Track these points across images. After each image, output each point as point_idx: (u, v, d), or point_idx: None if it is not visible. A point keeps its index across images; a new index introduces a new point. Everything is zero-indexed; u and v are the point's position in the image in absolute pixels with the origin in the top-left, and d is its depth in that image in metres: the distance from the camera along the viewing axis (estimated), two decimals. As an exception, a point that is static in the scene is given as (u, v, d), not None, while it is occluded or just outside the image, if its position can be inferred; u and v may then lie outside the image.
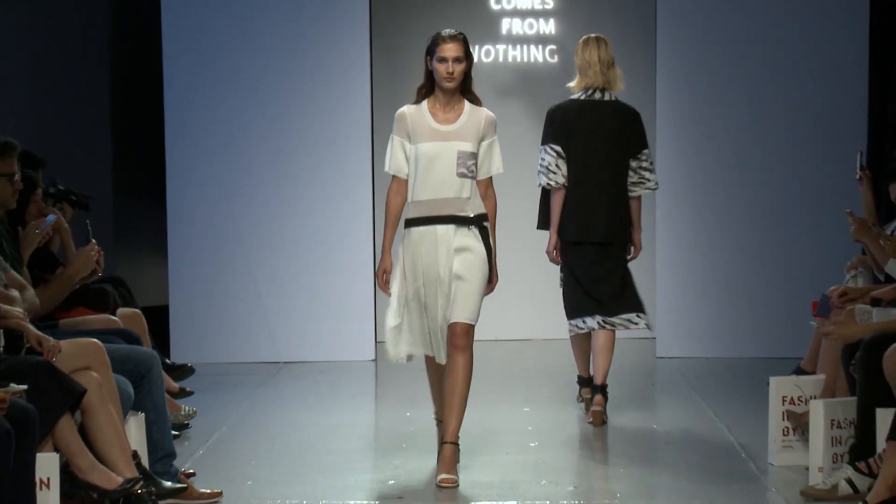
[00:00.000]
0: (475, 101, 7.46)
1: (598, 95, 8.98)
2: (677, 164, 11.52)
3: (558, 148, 8.89)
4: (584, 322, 9.01)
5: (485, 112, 7.44)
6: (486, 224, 7.37)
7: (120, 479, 6.29)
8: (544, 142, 8.97)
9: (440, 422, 7.49)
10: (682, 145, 11.52)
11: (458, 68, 7.28)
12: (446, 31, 7.34)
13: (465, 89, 7.42)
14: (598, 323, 8.94)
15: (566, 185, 8.89)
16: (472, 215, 7.34)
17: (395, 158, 7.41)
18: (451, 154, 7.30)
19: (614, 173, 8.98)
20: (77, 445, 6.22)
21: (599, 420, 8.77)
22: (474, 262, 7.29)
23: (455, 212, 7.32)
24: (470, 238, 7.32)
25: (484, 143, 7.39)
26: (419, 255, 7.33)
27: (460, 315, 7.23)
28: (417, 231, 7.35)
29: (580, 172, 8.91)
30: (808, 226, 11.33)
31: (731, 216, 11.49)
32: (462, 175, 7.30)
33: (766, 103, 11.42)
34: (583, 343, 9.13)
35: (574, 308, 9.08)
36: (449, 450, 7.12)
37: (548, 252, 9.09)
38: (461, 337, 7.22)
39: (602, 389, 8.87)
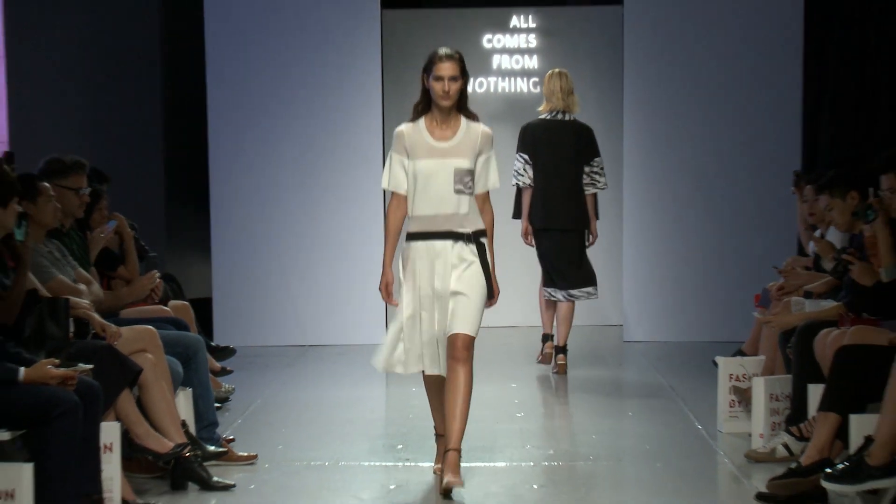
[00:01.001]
0: (472, 117, 6.61)
1: (559, 116, 9.91)
2: (641, 172, 11.52)
3: (526, 156, 9.87)
4: (554, 293, 9.99)
5: (481, 128, 6.57)
6: (483, 240, 6.53)
7: (171, 444, 6.33)
8: (517, 151, 9.94)
9: (440, 435, 6.65)
10: (646, 155, 11.51)
11: (454, 87, 6.45)
12: (443, 50, 6.50)
13: (461, 106, 6.57)
14: (563, 296, 9.94)
15: (532, 184, 9.84)
16: (469, 231, 6.49)
17: (395, 175, 6.56)
18: (448, 171, 6.45)
19: (572, 176, 9.89)
20: (135, 416, 6.26)
21: (563, 370, 9.85)
22: (473, 277, 6.44)
23: (453, 227, 6.47)
24: (467, 253, 6.47)
25: (481, 159, 6.53)
26: (417, 269, 6.49)
27: (461, 327, 6.39)
28: (416, 246, 6.52)
29: (546, 175, 9.85)
30: (752, 230, 11.33)
31: (688, 220, 11.49)
32: (459, 192, 6.46)
33: (718, 120, 11.41)
34: (550, 308, 10.11)
35: (547, 280, 10.06)
36: (453, 456, 6.28)
37: (522, 236, 10.03)
38: (462, 349, 6.38)
39: (563, 349, 9.93)
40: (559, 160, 9.79)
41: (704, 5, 11.48)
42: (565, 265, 9.91)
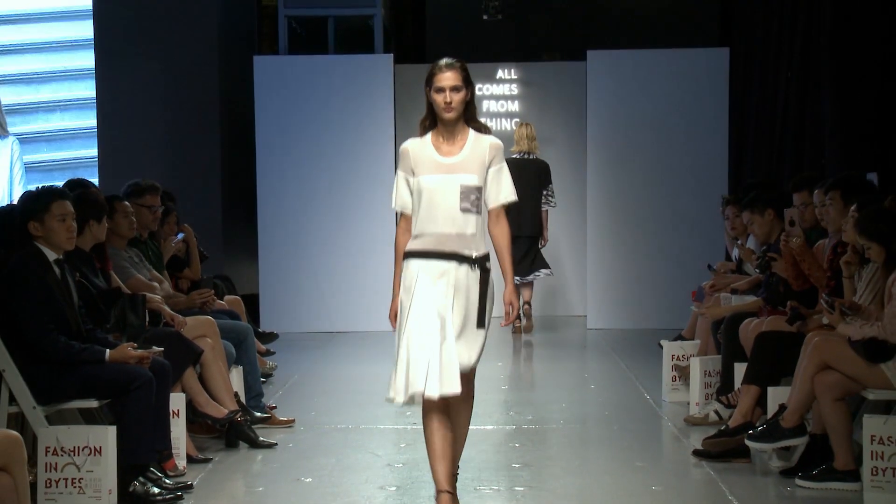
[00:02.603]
0: (481, 129, 5.09)
1: (525, 156, 10.96)
2: (601, 191, 11.47)
3: None
4: (519, 279, 10.65)
5: (489, 139, 5.03)
6: (488, 266, 4.92)
7: (226, 411, 6.32)
8: None
9: (443, 492, 4.88)
10: (605, 179, 11.46)
11: (457, 97, 4.94)
12: (443, 61, 5.01)
13: (468, 118, 5.05)
14: (520, 280, 10.79)
15: None
16: (474, 255, 4.90)
17: (401, 195, 5.04)
18: (454, 188, 4.91)
19: (535, 199, 10.85)
20: (197, 388, 6.25)
21: (520, 331, 10.89)
22: (472, 305, 4.89)
23: (458, 249, 4.89)
24: (472, 281, 4.88)
25: (491, 171, 4.99)
26: (419, 282, 4.89)
27: (461, 360, 4.86)
28: (416, 263, 4.92)
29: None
30: (689, 238, 11.31)
31: (640, 230, 11.45)
32: (466, 210, 4.90)
33: (662, 150, 11.38)
34: None
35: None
36: (445, 498, 4.85)
37: None
38: (463, 384, 4.86)
39: (520, 316, 10.79)
40: (525, 187, 9.89)
41: (650, 62, 11.50)
42: (524, 260, 10.92)
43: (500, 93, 12.72)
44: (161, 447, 5.56)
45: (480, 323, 4.93)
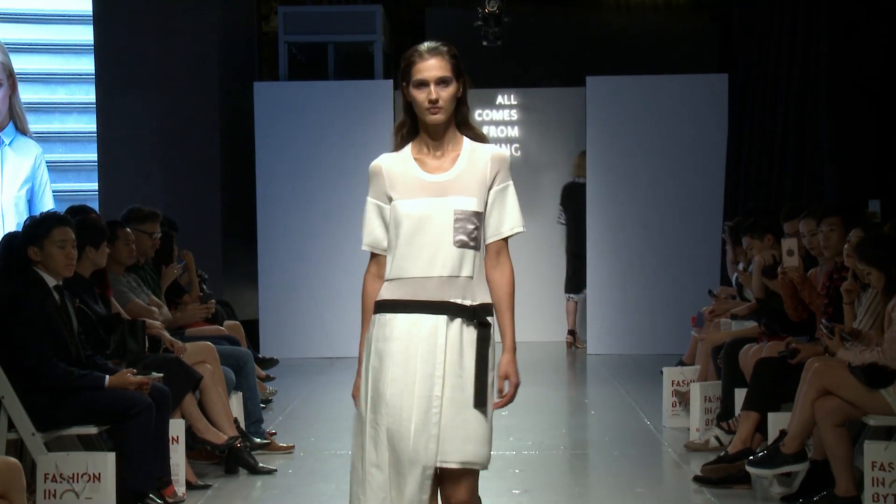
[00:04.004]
0: (478, 137, 3.74)
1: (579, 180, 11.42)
2: (601, 218, 11.44)
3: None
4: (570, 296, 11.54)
5: (490, 150, 3.71)
6: (490, 319, 3.61)
7: (225, 437, 6.30)
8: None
9: None
10: (605, 204, 11.44)
11: (446, 94, 3.59)
12: (424, 45, 3.65)
13: (461, 122, 3.71)
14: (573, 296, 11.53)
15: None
16: (470, 304, 3.58)
17: (371, 229, 3.75)
18: (446, 214, 3.58)
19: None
20: (196, 414, 6.24)
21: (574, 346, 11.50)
22: (470, 377, 3.56)
23: (450, 297, 3.56)
24: (466, 339, 3.57)
25: (494, 191, 3.65)
26: (389, 354, 3.56)
27: (457, 455, 3.55)
28: (391, 321, 3.59)
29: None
30: (688, 265, 11.31)
31: (640, 256, 11.43)
32: (462, 244, 3.57)
33: (661, 176, 11.38)
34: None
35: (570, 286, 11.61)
36: None
37: None
38: (462, 490, 3.59)
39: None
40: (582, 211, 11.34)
41: (650, 88, 11.52)
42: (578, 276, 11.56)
43: (500, 118, 12.75)
44: (160, 474, 5.55)
45: (479, 401, 3.57)
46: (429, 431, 3.51)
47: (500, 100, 12.75)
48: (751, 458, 5.75)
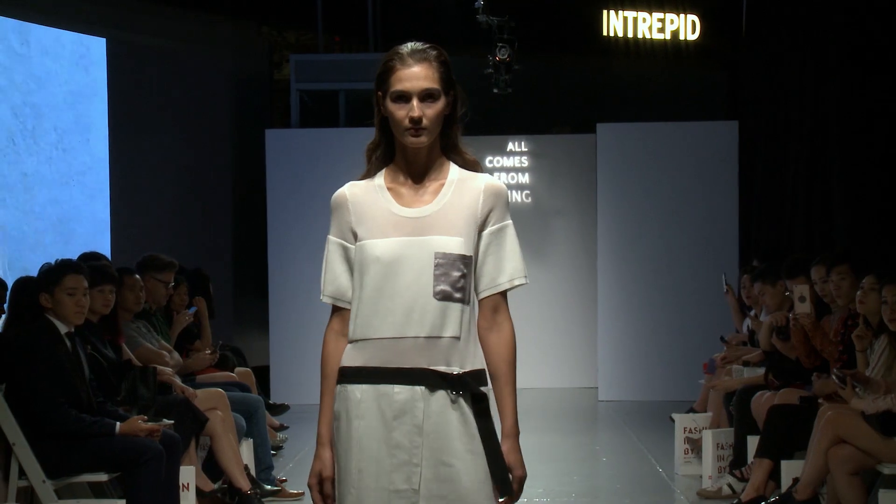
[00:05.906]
0: (469, 164, 2.98)
1: None
2: (612, 263, 11.48)
3: None
4: None
5: (484, 180, 2.95)
6: (483, 390, 2.86)
7: (213, 486, 6.24)
8: None
9: None
10: (616, 249, 11.48)
11: (432, 111, 2.86)
12: (407, 46, 2.95)
13: (447, 146, 2.95)
14: None
15: None
16: (457, 372, 2.81)
17: (333, 276, 3.10)
18: (424, 258, 2.83)
19: None
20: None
21: None
22: (464, 463, 2.83)
23: (429, 364, 2.81)
24: (456, 418, 2.81)
25: (487, 233, 2.89)
26: (354, 439, 2.84)
27: None
28: (353, 394, 2.89)
29: None
30: (700, 312, 11.30)
31: (651, 303, 11.44)
32: (444, 296, 2.81)
33: (673, 223, 11.41)
34: None
35: None
36: None
37: None
38: None
39: None
40: None
41: (660, 135, 11.57)
42: None
43: (511, 165, 12.79)
44: (170, 521, 5.52)
45: (479, 489, 2.89)
46: None
47: (510, 146, 12.80)
48: (764, 505, 5.71)
